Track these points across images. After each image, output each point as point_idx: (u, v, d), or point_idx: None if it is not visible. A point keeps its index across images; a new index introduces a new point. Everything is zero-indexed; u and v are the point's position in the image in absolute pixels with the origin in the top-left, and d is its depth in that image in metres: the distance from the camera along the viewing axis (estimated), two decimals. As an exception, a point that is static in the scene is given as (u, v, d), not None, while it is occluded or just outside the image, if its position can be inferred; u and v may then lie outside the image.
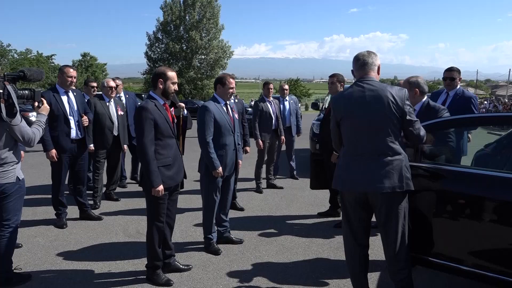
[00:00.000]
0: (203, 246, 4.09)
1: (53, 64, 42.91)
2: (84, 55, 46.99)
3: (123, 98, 6.40)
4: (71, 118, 4.61)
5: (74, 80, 4.66)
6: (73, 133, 4.63)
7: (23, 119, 3.01)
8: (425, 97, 3.72)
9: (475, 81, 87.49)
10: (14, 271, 3.30)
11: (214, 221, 4.04)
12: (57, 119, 4.48)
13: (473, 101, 4.59)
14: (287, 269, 3.64)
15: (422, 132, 2.72)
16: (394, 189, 2.58)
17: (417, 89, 3.65)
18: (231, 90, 3.96)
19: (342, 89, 4.85)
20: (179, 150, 5.63)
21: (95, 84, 6.16)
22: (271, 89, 6.66)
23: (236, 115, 4.20)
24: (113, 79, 6.46)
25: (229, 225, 4.25)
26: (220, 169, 3.86)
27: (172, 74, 3.24)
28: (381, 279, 3.48)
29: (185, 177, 3.55)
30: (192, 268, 3.61)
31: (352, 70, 2.87)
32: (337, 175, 2.80)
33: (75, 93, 4.74)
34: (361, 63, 2.76)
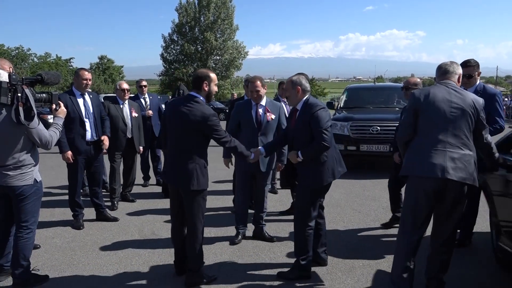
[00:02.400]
0: (216, 248, 4.12)
1: (71, 67, 43.69)
2: (102, 58, 47.76)
3: (147, 99, 6.52)
4: (86, 120, 4.66)
5: (90, 82, 4.73)
6: (89, 135, 4.68)
7: (40, 122, 3.06)
8: None
9: (495, 78, 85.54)
10: (32, 272, 3.35)
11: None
12: (73, 121, 4.53)
13: (497, 99, 4.09)
14: (302, 271, 3.59)
15: (490, 138, 3.07)
16: (469, 181, 2.82)
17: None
18: (252, 92, 4.21)
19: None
20: None
21: (144, 83, 6.50)
22: None
23: (270, 117, 4.24)
24: (139, 81, 6.61)
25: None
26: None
27: (214, 76, 3.37)
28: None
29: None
30: (205, 268, 3.60)
31: (434, 78, 3.23)
32: (416, 161, 2.89)
33: (91, 96, 4.79)
34: (443, 71, 3.07)
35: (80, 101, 4.66)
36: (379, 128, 7.38)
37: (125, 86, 5.66)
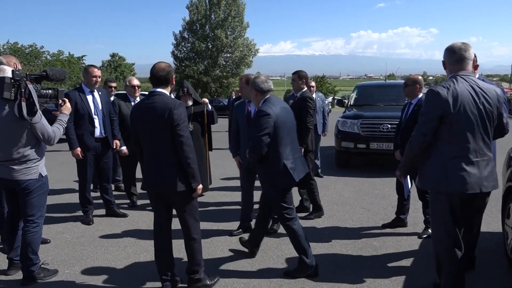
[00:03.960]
0: (223, 245, 4.12)
1: (83, 65, 44.14)
2: (113, 56, 48.12)
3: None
4: (95, 117, 4.69)
5: (99, 79, 4.75)
6: (97, 132, 4.72)
7: (43, 118, 3.08)
8: (422, 94, 4.19)
9: (509, 76, 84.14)
10: (42, 266, 3.39)
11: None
12: (82, 118, 4.57)
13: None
14: (310, 269, 3.57)
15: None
16: (497, 187, 2.70)
17: (418, 85, 4.23)
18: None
19: (304, 87, 4.84)
20: (206, 148, 5.58)
21: (114, 84, 6.23)
22: None
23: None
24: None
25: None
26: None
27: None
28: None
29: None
30: (213, 267, 3.62)
31: (443, 61, 2.80)
32: (445, 174, 2.59)
33: (100, 93, 4.81)
34: (458, 58, 2.68)
35: (89, 98, 4.68)
36: (389, 126, 7.31)
37: (136, 82, 5.44)
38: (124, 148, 5.15)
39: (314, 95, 7.29)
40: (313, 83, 7.56)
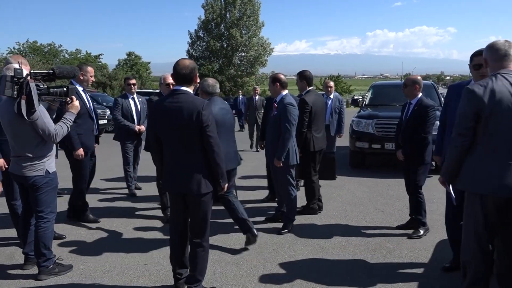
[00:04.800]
0: (236, 243, 4.12)
1: (100, 63, 44.71)
2: (129, 54, 48.56)
3: (136, 100, 6.30)
4: (93, 115, 4.70)
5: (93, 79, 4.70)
6: (95, 130, 4.78)
7: (44, 115, 3.08)
8: (420, 93, 4.29)
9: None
10: (57, 261, 3.44)
11: None
12: (81, 116, 4.36)
13: None
14: (322, 270, 3.55)
15: None
16: None
17: (417, 85, 4.26)
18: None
19: (308, 87, 4.96)
20: None
21: (133, 82, 6.16)
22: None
23: (273, 112, 4.46)
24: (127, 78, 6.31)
25: None
26: None
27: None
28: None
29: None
30: (225, 265, 3.62)
31: (484, 59, 2.67)
32: (486, 176, 2.46)
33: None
34: (502, 54, 2.53)
35: (84, 95, 4.55)
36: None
37: (171, 80, 4.63)
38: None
39: (331, 96, 7.27)
40: (331, 83, 7.55)
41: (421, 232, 4.30)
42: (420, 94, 4.28)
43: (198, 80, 2.98)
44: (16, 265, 3.60)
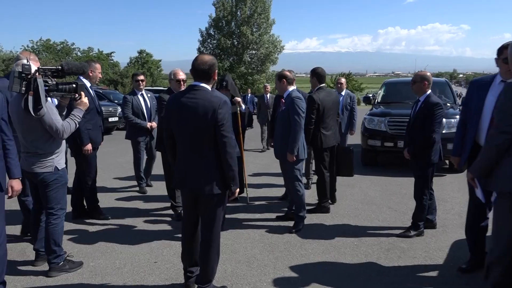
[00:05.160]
0: (247, 241, 4.07)
1: (112, 61, 45.05)
2: (141, 52, 48.84)
3: (145, 96, 6.22)
4: (100, 110, 4.69)
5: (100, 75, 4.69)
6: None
7: (52, 111, 3.07)
8: (430, 91, 4.13)
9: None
10: (67, 258, 3.44)
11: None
12: (90, 111, 4.32)
13: None
14: (334, 270, 3.49)
15: None
16: None
17: (426, 82, 4.09)
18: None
19: (319, 84, 4.95)
20: (242, 151, 5.38)
21: (141, 78, 6.04)
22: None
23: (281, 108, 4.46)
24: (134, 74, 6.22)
25: None
26: None
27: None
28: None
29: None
30: (236, 263, 3.58)
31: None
32: None
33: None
34: None
35: (91, 91, 4.53)
36: (418, 124, 7.07)
37: (182, 76, 4.69)
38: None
39: (343, 92, 7.19)
40: (342, 80, 7.47)
41: (412, 233, 4.21)
42: (429, 91, 4.13)
43: (216, 77, 2.88)
44: (27, 261, 3.60)
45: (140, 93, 6.02)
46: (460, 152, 3.48)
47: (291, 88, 4.41)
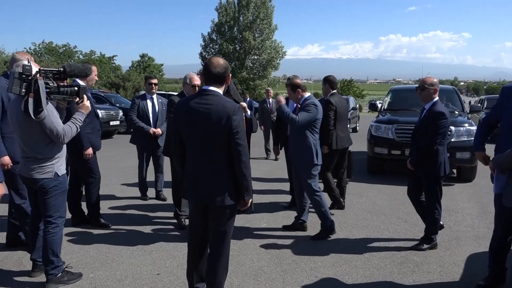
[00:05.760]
0: (253, 253, 3.90)
1: (114, 65, 45.06)
2: (143, 56, 48.90)
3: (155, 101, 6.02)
4: (97, 113, 4.56)
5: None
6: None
7: (52, 114, 2.94)
8: (437, 97, 3.95)
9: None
10: (66, 269, 3.27)
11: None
12: (88, 115, 4.03)
13: None
14: (345, 284, 3.33)
15: None
16: None
17: (436, 88, 3.92)
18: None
19: (331, 90, 5.28)
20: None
21: (155, 81, 5.86)
22: None
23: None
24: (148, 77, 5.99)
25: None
26: None
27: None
28: None
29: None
30: (243, 276, 3.42)
31: None
32: None
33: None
34: None
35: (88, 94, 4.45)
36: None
37: (198, 81, 4.53)
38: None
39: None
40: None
41: (425, 246, 4.05)
42: (436, 98, 3.94)
43: (229, 82, 2.73)
44: (23, 271, 3.44)
45: (150, 97, 5.79)
46: (481, 147, 3.44)
47: (307, 94, 4.38)
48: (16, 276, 3.36)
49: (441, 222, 4.28)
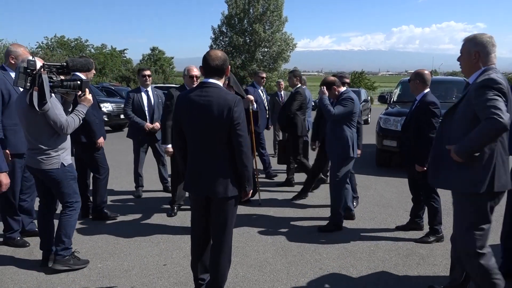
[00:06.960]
0: (258, 245, 3.93)
1: (125, 58, 45.35)
2: (153, 49, 49.05)
3: (150, 93, 5.79)
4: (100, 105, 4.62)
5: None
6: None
7: (56, 106, 3.05)
8: (428, 89, 3.93)
9: None
10: (74, 254, 3.38)
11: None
12: (94, 107, 4.20)
13: None
14: (349, 276, 3.34)
15: None
16: None
17: (418, 80, 3.93)
18: None
19: (298, 83, 5.86)
20: (253, 151, 5.24)
21: (147, 73, 5.62)
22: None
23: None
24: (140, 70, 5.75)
25: None
26: None
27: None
28: None
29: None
30: (248, 268, 3.45)
31: None
32: None
33: None
34: None
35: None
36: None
37: (196, 72, 4.54)
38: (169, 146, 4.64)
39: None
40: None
41: (431, 239, 4.03)
42: (426, 90, 3.90)
43: (228, 74, 2.76)
44: (35, 260, 3.52)
45: (145, 89, 5.58)
46: None
47: (343, 88, 4.47)
48: (27, 266, 3.44)
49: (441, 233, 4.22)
